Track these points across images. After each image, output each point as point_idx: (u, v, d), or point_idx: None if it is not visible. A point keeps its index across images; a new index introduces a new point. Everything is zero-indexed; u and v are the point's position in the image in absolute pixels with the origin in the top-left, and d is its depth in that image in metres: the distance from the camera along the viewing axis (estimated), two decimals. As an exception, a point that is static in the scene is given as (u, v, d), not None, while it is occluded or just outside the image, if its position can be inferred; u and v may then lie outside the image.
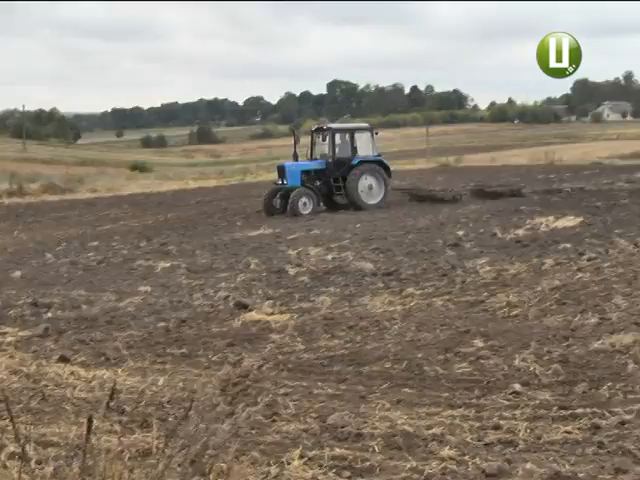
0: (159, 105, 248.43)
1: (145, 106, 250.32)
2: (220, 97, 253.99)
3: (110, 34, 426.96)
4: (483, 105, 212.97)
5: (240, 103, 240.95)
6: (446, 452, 6.54)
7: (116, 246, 22.88)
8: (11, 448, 6.53)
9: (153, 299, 14.47)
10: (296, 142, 31.05)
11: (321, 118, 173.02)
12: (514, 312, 11.84)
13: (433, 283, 14.36)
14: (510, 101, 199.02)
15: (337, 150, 30.64)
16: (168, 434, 4.59)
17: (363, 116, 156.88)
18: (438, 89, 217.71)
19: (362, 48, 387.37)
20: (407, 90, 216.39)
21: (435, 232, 21.62)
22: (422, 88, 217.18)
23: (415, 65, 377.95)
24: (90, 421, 4.40)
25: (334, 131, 31.14)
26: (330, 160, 30.38)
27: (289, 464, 6.30)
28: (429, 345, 10.23)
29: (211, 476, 4.49)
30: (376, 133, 31.94)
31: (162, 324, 12.36)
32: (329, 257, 18.14)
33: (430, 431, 7.07)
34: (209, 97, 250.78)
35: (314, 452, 6.63)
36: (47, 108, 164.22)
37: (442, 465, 6.28)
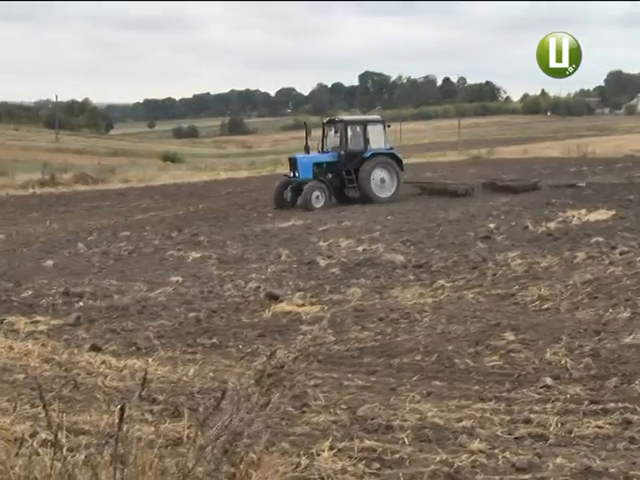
0: (191, 96, 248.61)
1: (177, 97, 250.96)
2: (252, 88, 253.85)
3: (144, 25, 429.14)
4: (516, 97, 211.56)
5: (272, 94, 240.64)
6: (476, 445, 6.51)
7: (147, 236, 22.97)
8: (43, 435, 6.60)
9: (184, 289, 14.53)
10: (308, 134, 30.61)
11: (352, 109, 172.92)
12: (545, 305, 11.78)
13: (464, 276, 14.32)
14: (543, 93, 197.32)
15: (349, 143, 30.23)
16: (200, 423, 4.60)
17: (394, 108, 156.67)
18: (470, 81, 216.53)
19: (395, 39, 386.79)
20: (439, 82, 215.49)
21: (466, 224, 21.55)
22: (454, 80, 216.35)
23: (447, 57, 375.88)
24: (122, 410, 4.43)
25: (346, 123, 30.79)
26: (342, 153, 29.99)
27: (319, 455, 6.30)
28: (459, 338, 10.20)
29: (241, 467, 4.51)
30: (388, 126, 31.64)
31: (193, 314, 12.41)
32: (360, 249, 18.13)
33: (460, 424, 7.05)
34: (241, 88, 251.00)
35: (344, 443, 6.63)
36: (80, 99, 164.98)
37: (472, 458, 6.25)
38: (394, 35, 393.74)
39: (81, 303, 13.66)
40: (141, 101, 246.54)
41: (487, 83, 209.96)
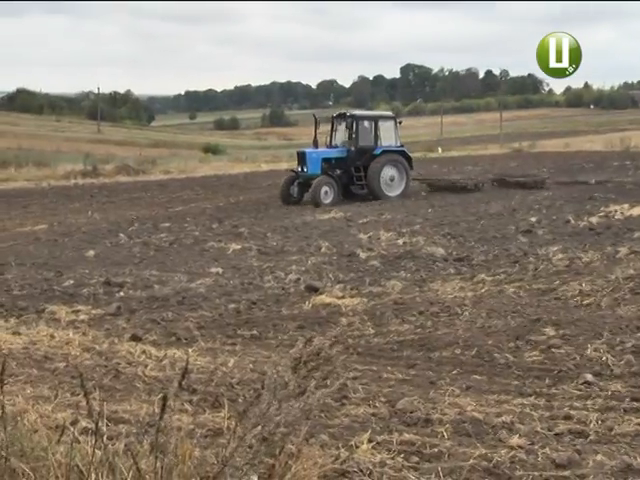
0: (232, 88, 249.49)
1: (218, 88, 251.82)
2: (293, 80, 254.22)
3: (186, 17, 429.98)
4: (558, 90, 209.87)
5: (313, 86, 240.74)
6: (515, 440, 6.47)
7: (188, 227, 23.07)
8: (83, 423, 6.65)
9: (224, 280, 14.58)
10: (317, 128, 30.05)
11: (394, 102, 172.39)
12: (587, 301, 11.68)
13: (505, 270, 14.25)
14: (586, 86, 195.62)
15: (359, 138, 29.59)
16: (240, 414, 4.62)
17: (436, 100, 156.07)
18: (513, 73, 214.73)
19: (437, 32, 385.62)
20: (481, 74, 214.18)
21: (508, 218, 21.47)
22: (497, 72, 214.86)
23: (490, 49, 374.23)
24: (164, 399, 4.45)
25: (357, 118, 30.06)
26: (352, 148, 29.37)
27: (357, 448, 6.30)
28: (500, 332, 10.15)
29: (281, 458, 4.52)
30: (400, 122, 31.00)
31: (233, 305, 12.45)
32: (400, 242, 18.10)
33: (500, 419, 7.01)
34: (282, 80, 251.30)
35: (383, 436, 6.62)
36: (122, 90, 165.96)
37: (511, 453, 6.22)
38: (436, 28, 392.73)
39: (122, 293, 13.74)
40: (182, 93, 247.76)
41: (530, 76, 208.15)
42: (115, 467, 4.56)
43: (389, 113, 33.84)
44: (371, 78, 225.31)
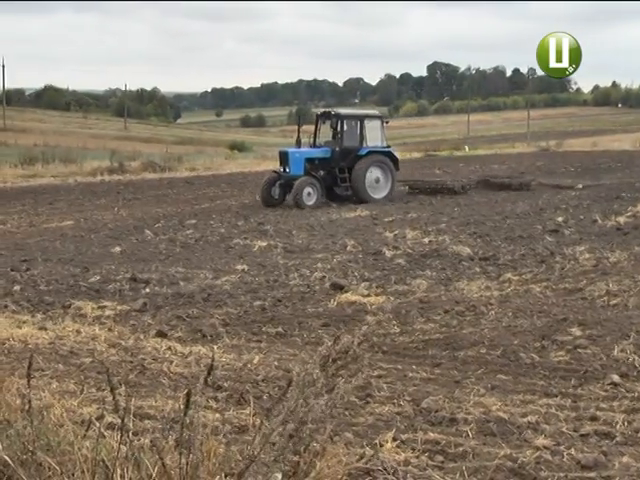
0: (259, 85, 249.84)
1: (245, 86, 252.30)
2: (320, 78, 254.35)
3: (213, 15, 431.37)
4: (586, 88, 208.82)
5: (339, 84, 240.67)
6: (541, 441, 6.45)
7: (214, 224, 23.12)
8: (109, 418, 6.68)
9: (249, 278, 14.60)
10: (300, 127, 29.15)
11: (420, 100, 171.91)
12: (613, 301, 11.61)
13: (531, 269, 14.19)
14: (614, 85, 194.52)
15: (344, 138, 28.44)
16: (266, 411, 4.62)
17: (463, 99, 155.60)
18: (540, 72, 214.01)
19: (464, 30, 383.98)
20: (509, 73, 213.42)
21: (534, 218, 21.38)
22: (524, 71, 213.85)
23: (518, 47, 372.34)
24: (189, 395, 4.46)
25: (342, 117, 28.76)
26: (337, 148, 28.21)
27: (382, 446, 6.30)
28: (526, 332, 10.10)
29: (306, 456, 4.52)
30: (386, 122, 30.09)
31: (258, 303, 12.47)
32: (426, 240, 18.07)
33: (525, 419, 6.98)
34: (309, 78, 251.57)
35: (407, 435, 6.62)
36: (148, 88, 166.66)
37: (536, 454, 6.19)
38: (464, 26, 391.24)
39: (147, 289, 13.79)
40: (209, 90, 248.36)
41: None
42: (141, 462, 4.57)
43: (375, 112, 32.29)
44: (398, 76, 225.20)
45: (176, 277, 14.78)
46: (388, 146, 29.32)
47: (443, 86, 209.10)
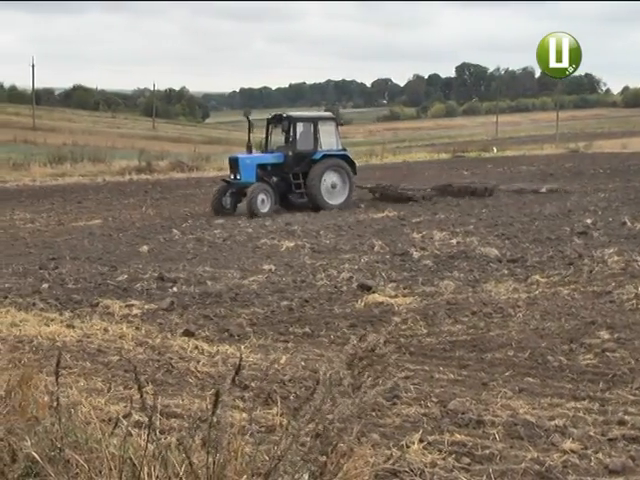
0: (287, 85, 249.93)
1: (273, 86, 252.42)
2: (348, 78, 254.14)
3: (242, 15, 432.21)
4: (616, 89, 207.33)
5: (368, 85, 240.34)
6: (568, 445, 6.41)
7: (241, 224, 23.15)
8: (136, 417, 6.71)
9: (277, 278, 14.61)
10: (250, 131, 27.54)
11: (449, 101, 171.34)
12: (643, 304, 11.53)
13: (559, 271, 14.11)
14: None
15: (297, 142, 27.07)
16: (293, 411, 4.62)
17: (491, 100, 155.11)
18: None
19: (493, 31, 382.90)
20: (537, 73, 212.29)
21: (562, 219, 21.26)
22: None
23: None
24: (217, 395, 4.46)
25: (294, 120, 27.46)
26: (290, 153, 26.78)
27: (408, 447, 6.28)
28: (553, 334, 10.06)
29: (333, 456, 4.51)
30: (341, 124, 28.80)
31: (285, 303, 12.47)
32: (454, 241, 18.01)
33: (552, 422, 6.95)
34: (337, 78, 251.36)
35: (434, 437, 6.61)
36: (177, 87, 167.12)
37: (564, 458, 6.17)
38: (492, 26, 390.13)
39: (175, 288, 13.83)
40: (237, 90, 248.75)
41: (586, 75, 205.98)
42: (167, 461, 4.59)
43: (328, 114, 30.68)
44: (426, 77, 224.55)
45: (203, 276, 14.81)
46: (344, 149, 28.11)
47: (472, 87, 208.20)
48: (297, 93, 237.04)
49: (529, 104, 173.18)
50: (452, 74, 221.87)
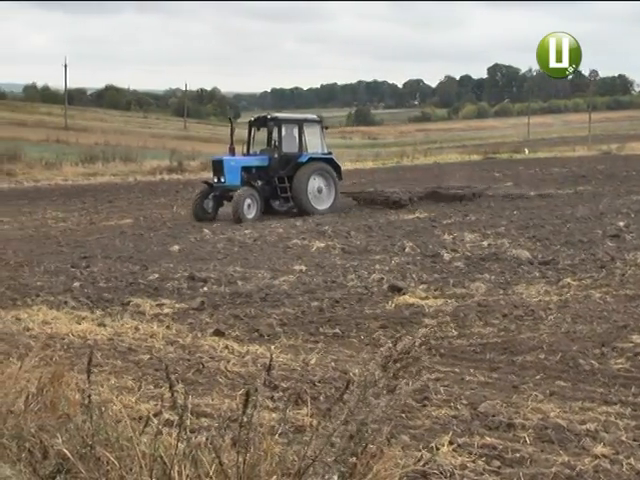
0: (318, 86, 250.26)
1: (304, 87, 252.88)
2: (379, 79, 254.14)
3: (274, 15, 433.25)
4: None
5: (399, 85, 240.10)
6: (599, 449, 6.36)
7: (272, 224, 23.19)
8: (166, 415, 6.73)
9: (307, 278, 14.61)
10: (232, 132, 26.74)
11: (480, 102, 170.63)
12: (676, 308, 11.43)
13: (591, 274, 14.01)
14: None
15: (283, 144, 26.30)
16: (325, 412, 4.62)
17: (523, 101, 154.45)
18: (602, 74, 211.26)
19: (525, 31, 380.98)
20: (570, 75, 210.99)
21: (595, 222, 21.12)
22: (586, 73, 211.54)
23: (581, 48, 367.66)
24: (248, 394, 4.47)
25: (280, 122, 26.78)
26: (275, 156, 26.01)
27: (438, 450, 6.26)
28: (585, 338, 9.99)
29: (362, 457, 4.50)
30: (326, 127, 28.00)
31: (316, 303, 12.47)
32: (485, 243, 17.94)
33: (584, 426, 6.89)
34: (368, 79, 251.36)
35: (464, 439, 6.58)
36: (208, 88, 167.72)
37: (595, 462, 6.11)
38: (525, 26, 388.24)
39: (205, 288, 13.86)
40: (269, 90, 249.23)
41: (620, 76, 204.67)
42: (198, 460, 4.60)
43: (314, 116, 29.52)
44: (458, 78, 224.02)
45: (234, 276, 14.84)
46: (329, 152, 27.34)
47: (503, 88, 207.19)
48: (328, 94, 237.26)
49: (561, 105, 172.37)
50: (484, 75, 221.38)
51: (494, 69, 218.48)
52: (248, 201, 24.65)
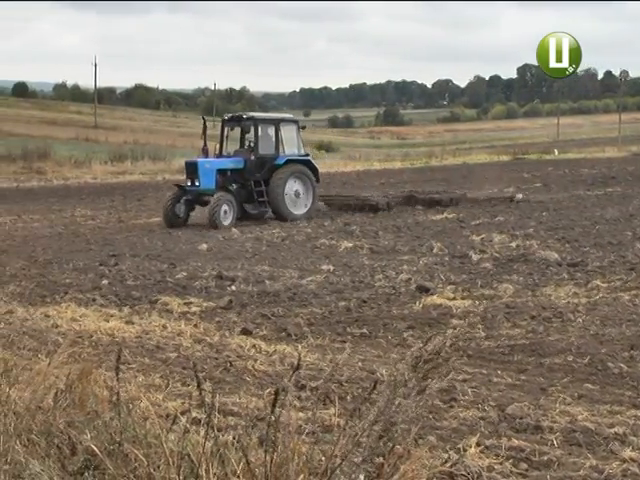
0: (347, 86, 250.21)
1: (333, 86, 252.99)
2: (408, 79, 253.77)
3: (304, 15, 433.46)
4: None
5: (428, 85, 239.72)
6: (628, 453, 6.30)
7: (300, 224, 23.21)
8: (194, 413, 6.76)
9: (335, 278, 14.60)
10: (205, 133, 25.79)
11: (509, 103, 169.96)
12: None
13: (620, 277, 13.91)
14: None
15: (260, 146, 24.79)
16: (352, 412, 4.61)
17: (553, 101, 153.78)
18: (633, 74, 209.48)
19: (555, 31, 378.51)
20: (600, 75, 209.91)
21: (624, 224, 20.98)
22: (616, 73, 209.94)
23: (610, 49, 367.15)
24: (276, 394, 4.47)
25: (257, 122, 25.23)
26: (251, 158, 24.52)
27: (465, 451, 6.24)
28: (614, 341, 9.91)
29: (390, 458, 4.50)
30: (303, 127, 26.51)
31: (343, 303, 12.46)
32: (513, 244, 17.86)
33: (612, 430, 6.84)
34: (397, 79, 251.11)
35: (491, 441, 6.54)
36: (237, 87, 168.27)
37: (623, 466, 6.06)
38: (555, 27, 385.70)
39: (233, 287, 13.89)
40: (297, 90, 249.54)
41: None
42: (225, 458, 4.61)
43: (290, 116, 28.52)
44: (487, 78, 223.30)
45: (262, 276, 14.86)
46: (306, 154, 26.23)
47: (533, 88, 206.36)
48: (358, 94, 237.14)
49: (591, 106, 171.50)
50: (513, 75, 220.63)
51: (524, 69, 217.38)
52: (225, 207, 23.33)
